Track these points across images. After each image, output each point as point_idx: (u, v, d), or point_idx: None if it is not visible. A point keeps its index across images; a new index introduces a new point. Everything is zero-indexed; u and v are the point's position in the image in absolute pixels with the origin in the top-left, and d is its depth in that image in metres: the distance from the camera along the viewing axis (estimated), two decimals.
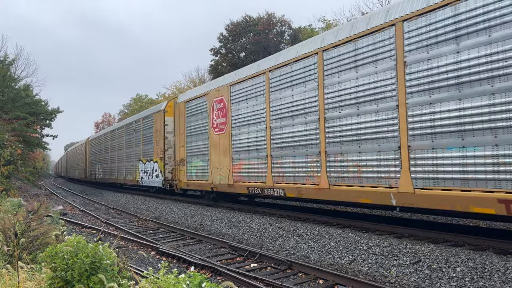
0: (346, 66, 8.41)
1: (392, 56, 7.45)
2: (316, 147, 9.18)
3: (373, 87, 7.82)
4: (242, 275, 6.42)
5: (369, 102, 7.91)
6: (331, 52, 8.82)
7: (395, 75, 7.38)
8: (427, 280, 5.70)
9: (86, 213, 16.08)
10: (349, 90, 8.34)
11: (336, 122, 8.67)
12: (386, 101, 7.55)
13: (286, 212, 11.39)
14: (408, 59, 7.16)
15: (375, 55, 7.81)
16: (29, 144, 28.63)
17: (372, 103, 7.84)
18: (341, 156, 8.53)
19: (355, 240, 7.62)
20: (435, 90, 6.71)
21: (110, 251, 3.99)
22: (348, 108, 8.34)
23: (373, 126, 7.82)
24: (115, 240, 6.52)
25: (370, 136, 7.88)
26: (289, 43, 32.49)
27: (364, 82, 8.01)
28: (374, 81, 7.81)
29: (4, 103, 24.08)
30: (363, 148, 8.03)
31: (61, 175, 66.54)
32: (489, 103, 6.00)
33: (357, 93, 8.14)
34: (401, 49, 7.26)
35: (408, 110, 7.13)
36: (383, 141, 7.63)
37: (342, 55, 8.53)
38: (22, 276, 3.98)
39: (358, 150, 8.14)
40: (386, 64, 7.56)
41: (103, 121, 76.63)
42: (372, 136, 7.83)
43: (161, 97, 48.87)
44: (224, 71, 31.52)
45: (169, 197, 18.29)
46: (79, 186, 37.63)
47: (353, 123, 8.24)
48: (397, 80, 7.34)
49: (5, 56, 26.17)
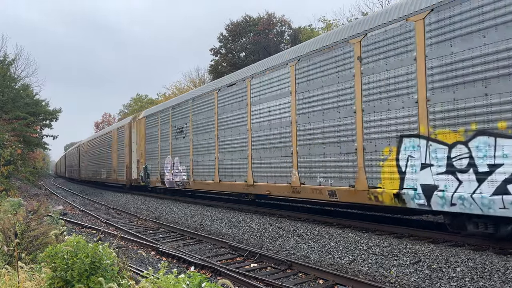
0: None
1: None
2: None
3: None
4: (242, 275, 6.42)
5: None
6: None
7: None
8: (427, 280, 5.70)
9: (86, 213, 16.08)
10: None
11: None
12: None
13: (286, 212, 11.39)
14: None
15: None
16: (29, 144, 28.63)
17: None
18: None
19: (355, 240, 7.62)
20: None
21: (110, 251, 3.99)
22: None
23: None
24: (115, 240, 6.51)
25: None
26: (289, 43, 32.50)
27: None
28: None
29: (4, 103, 24.08)
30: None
31: (68, 176, 57.12)
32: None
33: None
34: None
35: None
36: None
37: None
38: (22, 276, 3.97)
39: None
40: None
41: (103, 121, 76.65)
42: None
43: (161, 96, 48.88)
44: (224, 71, 31.54)
45: (169, 197, 18.33)
46: (79, 186, 37.64)
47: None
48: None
49: (5, 56, 26.17)
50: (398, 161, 7.24)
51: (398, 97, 7.31)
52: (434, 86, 6.67)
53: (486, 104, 5.94)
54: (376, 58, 7.75)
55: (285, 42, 33.60)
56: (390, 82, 7.45)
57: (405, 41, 7.19)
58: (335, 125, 8.66)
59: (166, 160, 17.43)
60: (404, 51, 7.22)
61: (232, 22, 34.51)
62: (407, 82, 7.14)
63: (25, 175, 32.29)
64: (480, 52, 6.05)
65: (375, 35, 7.81)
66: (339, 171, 8.57)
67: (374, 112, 7.75)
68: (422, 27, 6.88)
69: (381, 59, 7.65)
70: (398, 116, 7.28)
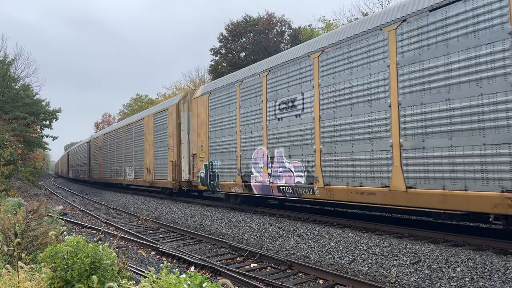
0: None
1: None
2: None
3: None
4: (242, 275, 6.42)
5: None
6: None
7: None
8: (427, 280, 5.70)
9: (86, 213, 16.07)
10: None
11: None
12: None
13: (286, 212, 11.38)
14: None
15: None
16: (29, 144, 28.63)
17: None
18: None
19: (355, 240, 7.62)
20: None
21: (110, 251, 3.99)
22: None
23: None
24: (115, 240, 6.52)
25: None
26: (289, 43, 32.49)
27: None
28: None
29: (4, 103, 24.10)
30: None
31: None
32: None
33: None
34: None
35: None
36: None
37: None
38: (22, 276, 3.97)
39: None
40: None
41: (103, 121, 76.67)
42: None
43: (161, 96, 48.87)
44: (224, 71, 31.52)
45: (169, 197, 18.31)
46: (79, 186, 37.61)
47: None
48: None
49: (5, 56, 26.17)
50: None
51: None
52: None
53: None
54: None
55: (285, 42, 33.59)
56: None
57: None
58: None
59: (254, 154, 11.61)
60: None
61: (232, 22, 34.50)
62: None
63: (25, 175, 32.31)
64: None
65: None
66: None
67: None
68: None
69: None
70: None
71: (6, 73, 24.58)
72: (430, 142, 6.90)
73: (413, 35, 7.26)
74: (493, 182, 6.03)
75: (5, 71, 24.61)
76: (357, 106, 8.36)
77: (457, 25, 6.58)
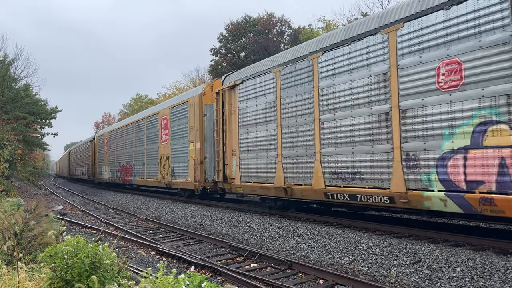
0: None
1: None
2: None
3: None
4: (242, 275, 6.41)
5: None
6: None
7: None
8: (427, 280, 5.69)
9: (86, 213, 16.07)
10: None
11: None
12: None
13: (286, 212, 11.37)
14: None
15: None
16: (29, 144, 28.61)
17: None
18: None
19: (355, 240, 7.62)
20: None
21: (110, 251, 3.99)
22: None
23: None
24: (115, 240, 6.51)
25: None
26: (289, 43, 32.48)
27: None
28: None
29: (4, 103, 24.08)
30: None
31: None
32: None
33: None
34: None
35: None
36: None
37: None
38: (22, 276, 3.97)
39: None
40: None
41: (103, 121, 76.65)
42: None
43: (161, 96, 48.85)
44: (224, 71, 31.51)
45: (169, 197, 18.31)
46: (79, 186, 37.61)
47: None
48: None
49: (5, 56, 26.14)
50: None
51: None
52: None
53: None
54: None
55: (285, 42, 33.58)
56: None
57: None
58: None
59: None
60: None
61: (232, 22, 34.49)
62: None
63: (25, 175, 32.29)
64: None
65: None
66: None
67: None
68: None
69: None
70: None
71: (6, 73, 24.55)
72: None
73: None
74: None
75: (5, 71, 24.59)
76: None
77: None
